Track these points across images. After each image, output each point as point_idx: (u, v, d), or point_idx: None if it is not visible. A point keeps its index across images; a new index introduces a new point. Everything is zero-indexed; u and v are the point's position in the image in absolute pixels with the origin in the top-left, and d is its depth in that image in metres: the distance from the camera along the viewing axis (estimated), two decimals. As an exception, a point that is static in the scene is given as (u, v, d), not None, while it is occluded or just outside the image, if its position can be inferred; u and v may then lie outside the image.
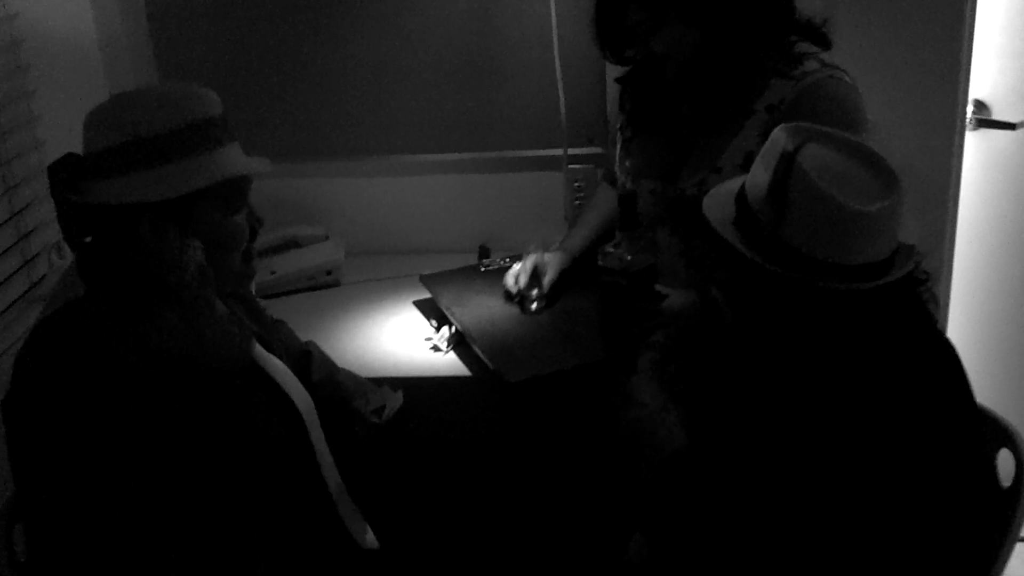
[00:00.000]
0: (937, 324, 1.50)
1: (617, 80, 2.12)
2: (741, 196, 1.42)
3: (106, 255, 1.48)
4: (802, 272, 1.33)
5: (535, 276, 2.13)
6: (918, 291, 1.46)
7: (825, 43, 1.85)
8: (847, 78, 1.82)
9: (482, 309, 2.21)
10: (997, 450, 1.65)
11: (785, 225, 1.34)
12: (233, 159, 1.51)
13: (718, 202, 1.46)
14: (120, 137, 1.43)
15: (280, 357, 1.70)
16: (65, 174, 1.47)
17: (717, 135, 1.86)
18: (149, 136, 1.43)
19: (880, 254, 1.35)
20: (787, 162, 1.33)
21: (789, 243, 1.34)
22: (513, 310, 2.21)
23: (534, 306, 2.17)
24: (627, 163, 2.02)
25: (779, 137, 1.38)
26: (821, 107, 1.77)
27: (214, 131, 1.48)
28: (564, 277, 2.19)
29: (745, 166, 1.77)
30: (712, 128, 1.88)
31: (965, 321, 2.69)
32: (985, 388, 1.92)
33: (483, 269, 2.38)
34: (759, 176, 1.39)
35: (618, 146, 2.09)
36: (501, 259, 2.40)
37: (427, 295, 2.31)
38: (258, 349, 1.63)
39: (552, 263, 2.18)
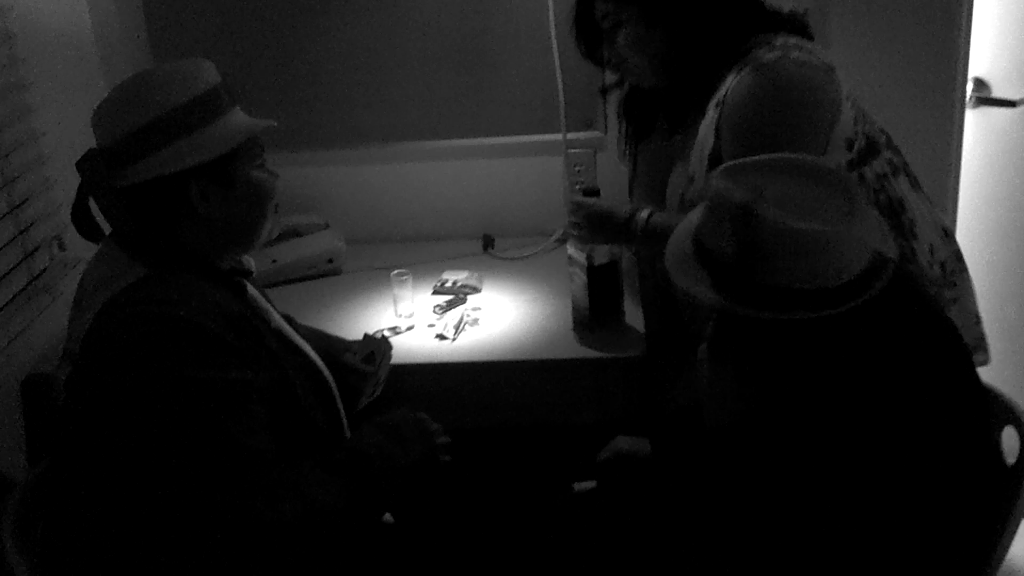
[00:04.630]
0: (933, 299, 1.49)
1: (600, 90, 2.12)
2: (707, 256, 1.38)
3: (158, 237, 1.53)
4: (800, 308, 1.30)
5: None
6: (908, 271, 1.45)
7: (806, 33, 1.79)
8: (812, 60, 1.71)
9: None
10: (1001, 428, 1.65)
11: (769, 272, 1.31)
12: (248, 118, 1.58)
13: (683, 271, 1.41)
14: (149, 114, 1.49)
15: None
16: (98, 165, 1.51)
17: (686, 144, 1.85)
18: (176, 107, 1.49)
19: (866, 258, 1.33)
20: (748, 215, 1.30)
21: (777, 286, 1.31)
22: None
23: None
24: (632, 197, 2.03)
25: (722, 188, 1.34)
26: (747, 93, 1.70)
27: (228, 93, 1.56)
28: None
29: (712, 166, 1.73)
30: (683, 139, 1.87)
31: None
32: (989, 365, 1.93)
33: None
34: (718, 232, 1.35)
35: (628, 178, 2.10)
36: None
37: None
38: (283, 324, 1.68)
39: None
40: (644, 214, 1.87)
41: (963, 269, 1.91)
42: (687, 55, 1.78)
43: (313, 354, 1.71)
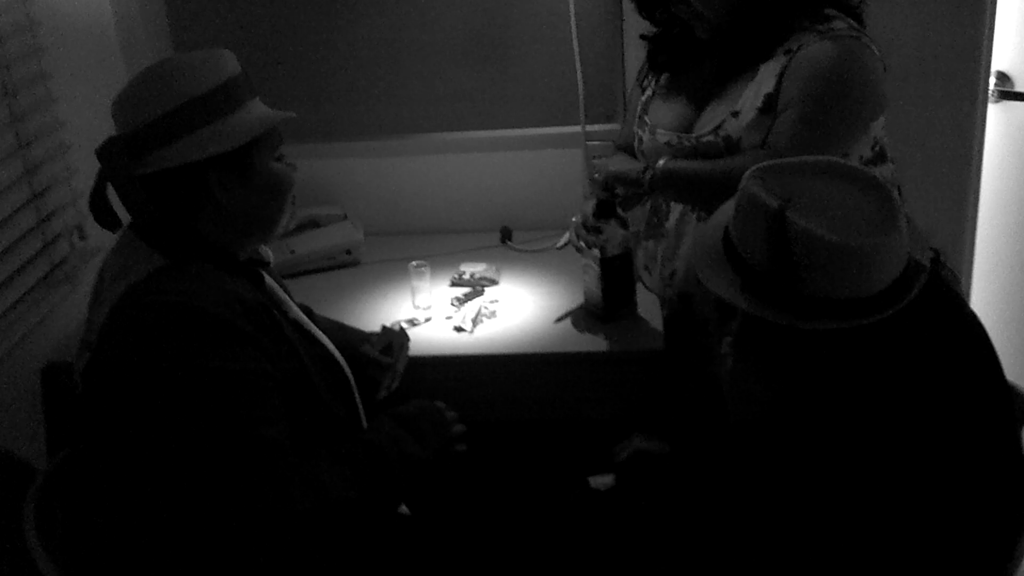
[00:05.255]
0: (961, 299, 1.48)
1: (644, 37, 2.10)
2: (737, 259, 1.37)
3: (177, 226, 1.53)
4: (835, 318, 1.28)
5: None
6: (940, 274, 1.43)
7: (859, 20, 1.85)
8: (874, 49, 1.81)
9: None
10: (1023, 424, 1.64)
11: (803, 282, 1.29)
12: (268, 109, 1.59)
13: (714, 271, 1.40)
14: (170, 103, 1.49)
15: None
16: (118, 152, 1.51)
17: (736, 82, 1.88)
18: (197, 96, 1.49)
19: (900, 267, 1.32)
20: (779, 223, 1.27)
21: (812, 295, 1.29)
22: None
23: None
24: (646, 118, 2.02)
25: (754, 192, 1.32)
26: (832, 55, 1.76)
27: (247, 83, 1.56)
28: None
29: (764, 109, 1.79)
30: (731, 76, 1.89)
31: (989, 293, 2.68)
32: (1010, 362, 1.92)
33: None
34: (750, 236, 1.33)
35: (640, 101, 2.08)
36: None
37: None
38: (301, 315, 1.68)
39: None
40: (661, 162, 1.90)
41: None
42: (764, 11, 1.82)
43: (331, 345, 1.71)
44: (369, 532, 1.56)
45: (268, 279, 1.65)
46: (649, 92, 2.06)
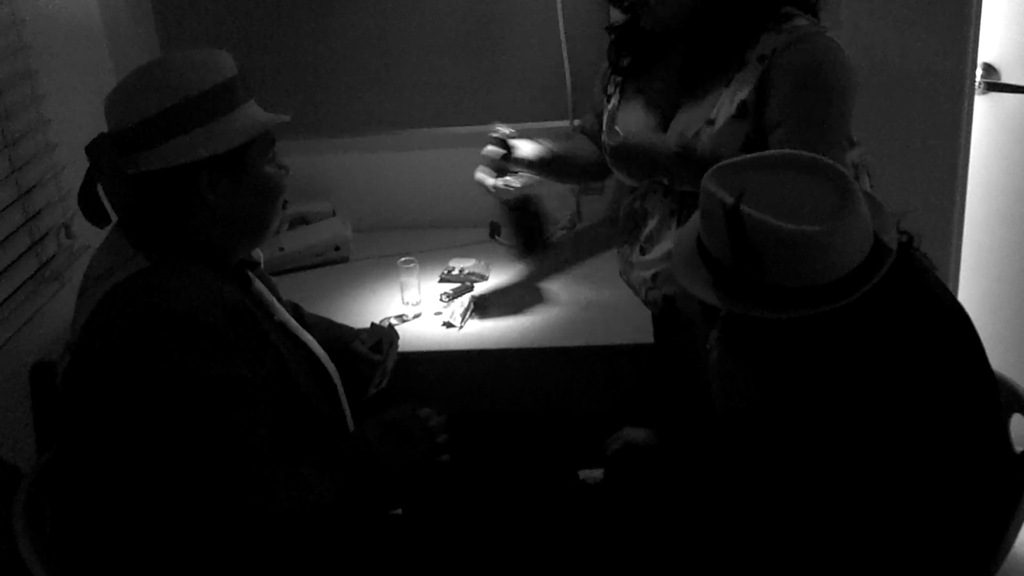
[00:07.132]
0: (938, 282, 1.49)
1: (608, 28, 2.10)
2: (708, 256, 1.39)
3: (165, 227, 1.52)
4: (803, 306, 1.30)
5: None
6: (914, 258, 1.44)
7: (813, 11, 1.87)
8: (837, 40, 1.83)
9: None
10: (1010, 415, 1.65)
11: (766, 272, 1.31)
12: (263, 112, 1.57)
13: (689, 271, 1.42)
14: (165, 102, 1.47)
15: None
16: (109, 150, 1.49)
17: (707, 89, 1.88)
18: (193, 96, 1.47)
19: (864, 251, 1.33)
20: (735, 217, 1.30)
21: (777, 285, 1.31)
22: None
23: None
24: (616, 128, 2.02)
25: (711, 190, 1.34)
26: (810, 57, 1.78)
27: (244, 85, 1.54)
28: None
29: (739, 116, 1.80)
30: (702, 82, 1.90)
31: (976, 285, 2.68)
32: (996, 353, 1.92)
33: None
34: (714, 233, 1.35)
35: (607, 110, 2.08)
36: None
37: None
38: (287, 317, 1.68)
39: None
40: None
41: None
42: (722, 12, 1.83)
43: (316, 346, 1.70)
44: (359, 529, 1.55)
45: (256, 283, 1.63)
46: (615, 101, 2.05)
